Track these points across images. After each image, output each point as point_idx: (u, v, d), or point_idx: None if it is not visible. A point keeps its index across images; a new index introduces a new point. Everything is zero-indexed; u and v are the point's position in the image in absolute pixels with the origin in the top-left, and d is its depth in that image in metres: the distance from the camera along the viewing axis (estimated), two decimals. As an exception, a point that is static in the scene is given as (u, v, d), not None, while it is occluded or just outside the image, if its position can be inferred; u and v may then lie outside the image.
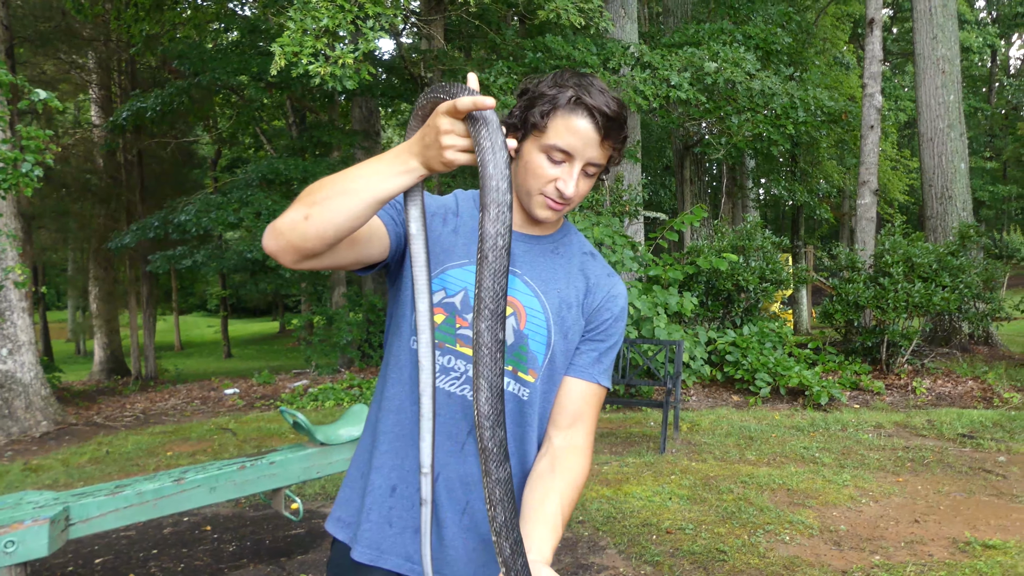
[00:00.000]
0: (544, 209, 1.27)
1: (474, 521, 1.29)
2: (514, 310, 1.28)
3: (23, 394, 8.06)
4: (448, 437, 1.27)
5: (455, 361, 1.27)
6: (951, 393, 8.00)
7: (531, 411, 1.31)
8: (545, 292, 1.31)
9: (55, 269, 24.43)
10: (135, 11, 11.50)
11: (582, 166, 1.24)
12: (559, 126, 1.22)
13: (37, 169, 5.91)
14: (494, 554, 1.25)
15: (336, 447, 3.57)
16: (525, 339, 1.28)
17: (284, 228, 1.09)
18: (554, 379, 1.33)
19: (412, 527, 1.28)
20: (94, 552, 4.01)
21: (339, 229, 1.08)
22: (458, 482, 1.28)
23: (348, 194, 1.07)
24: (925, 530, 3.95)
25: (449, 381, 1.28)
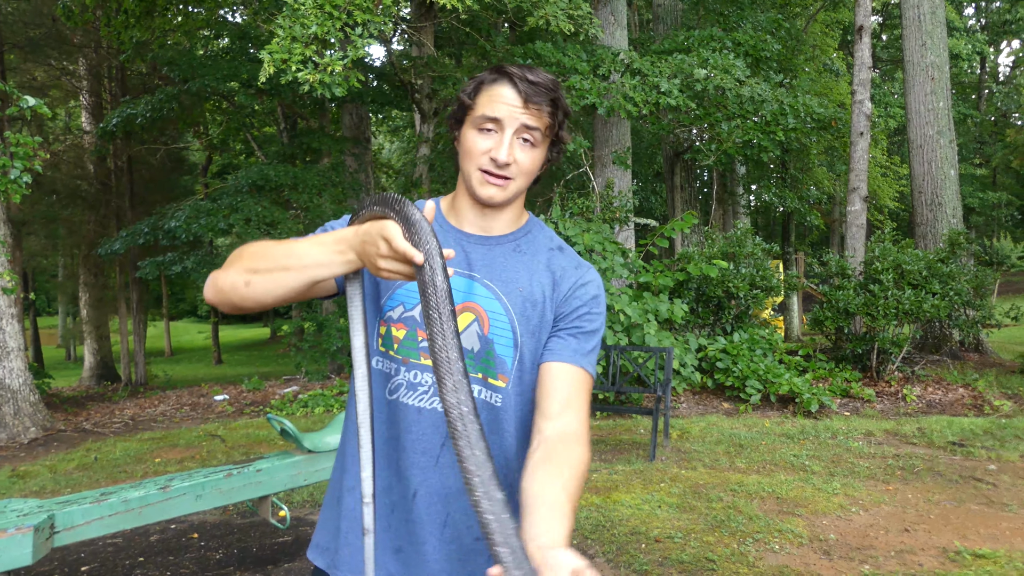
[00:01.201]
0: (484, 185, 1.26)
1: (456, 532, 1.26)
2: (476, 315, 1.27)
3: (11, 400, 8.00)
4: (423, 453, 1.26)
5: (421, 375, 1.26)
6: (941, 401, 8.03)
7: (506, 417, 1.29)
8: (507, 293, 1.29)
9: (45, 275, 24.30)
10: (125, 18, 11.47)
11: (514, 132, 1.24)
12: (483, 99, 1.25)
13: (26, 176, 5.89)
14: (478, 564, 1.25)
15: (323, 455, 3.55)
16: (491, 344, 1.27)
17: (225, 287, 1.16)
18: (528, 380, 1.30)
19: (391, 547, 1.27)
20: (80, 560, 3.97)
21: (276, 299, 1.16)
22: (436, 496, 1.26)
23: (288, 271, 1.13)
24: (915, 539, 3.95)
25: (417, 397, 1.26)
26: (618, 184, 10.36)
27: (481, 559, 1.27)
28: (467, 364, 1.14)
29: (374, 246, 1.06)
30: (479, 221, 1.33)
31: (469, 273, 1.29)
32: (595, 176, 10.40)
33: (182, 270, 11.88)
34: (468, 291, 1.27)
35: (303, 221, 11.41)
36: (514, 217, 1.36)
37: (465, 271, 1.29)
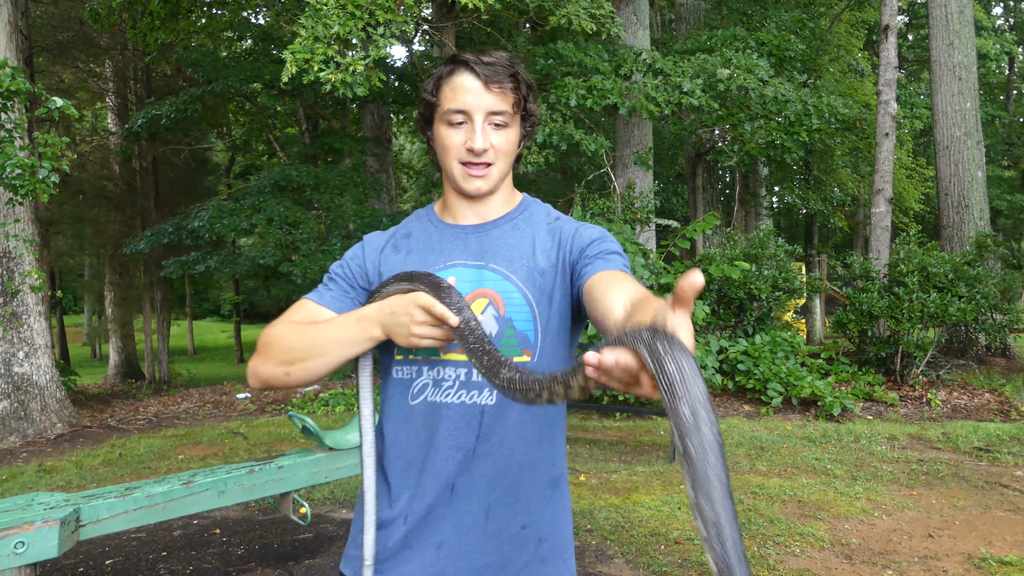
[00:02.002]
0: (467, 179, 1.29)
1: (499, 522, 1.25)
2: (490, 299, 1.27)
3: (39, 396, 8.13)
4: (457, 448, 1.25)
5: (444, 371, 1.26)
6: (967, 405, 7.92)
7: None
8: (514, 271, 1.28)
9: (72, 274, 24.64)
10: (151, 20, 11.61)
11: (484, 118, 1.26)
12: (446, 92, 1.27)
13: (53, 175, 5.97)
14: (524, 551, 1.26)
15: (344, 452, 3.57)
16: (509, 323, 1.26)
17: (268, 379, 1.25)
18: (556, 348, 1.29)
19: (433, 543, 1.25)
20: (104, 553, 4.02)
21: (317, 379, 1.26)
22: (476, 487, 1.25)
23: (320, 357, 1.22)
24: (939, 545, 3.90)
25: (443, 393, 1.26)
26: (639, 185, 10.32)
27: (528, 547, 1.27)
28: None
29: (407, 315, 1.12)
30: (473, 211, 1.35)
31: (476, 262, 1.29)
32: (616, 177, 10.37)
33: (205, 269, 11.99)
34: (478, 279, 1.28)
35: (324, 222, 11.48)
36: (505, 199, 1.37)
37: (472, 261, 1.30)
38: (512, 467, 1.25)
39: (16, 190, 5.93)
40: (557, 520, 1.31)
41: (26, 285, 8.02)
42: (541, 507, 1.28)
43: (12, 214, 7.81)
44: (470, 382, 1.24)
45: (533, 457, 1.27)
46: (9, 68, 5.84)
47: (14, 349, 8.04)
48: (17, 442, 7.70)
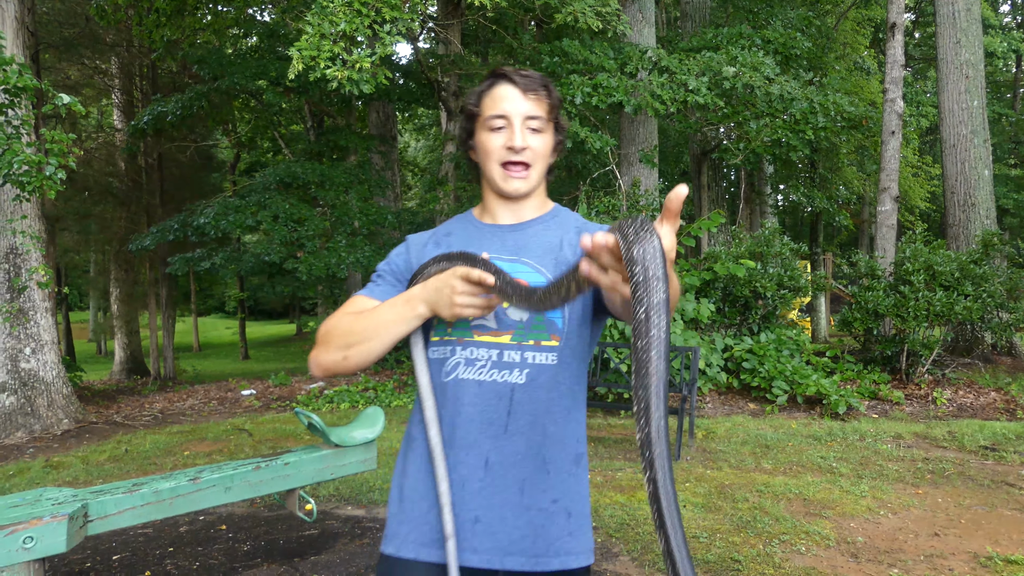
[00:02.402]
0: (507, 180, 1.42)
1: (533, 496, 1.33)
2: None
3: (45, 392, 8.16)
4: (489, 423, 1.33)
5: (477, 351, 1.36)
6: (973, 404, 7.90)
7: (562, 372, 1.37)
8: (544, 264, 1.40)
9: (77, 270, 24.72)
10: (156, 17, 11.64)
11: (522, 121, 1.40)
12: (487, 102, 1.42)
13: (60, 172, 5.99)
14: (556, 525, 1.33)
15: (350, 449, 3.58)
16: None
17: (329, 366, 1.35)
18: (580, 333, 1.39)
19: (469, 519, 1.33)
20: (111, 549, 4.04)
21: (372, 360, 1.35)
22: (509, 462, 1.32)
23: (374, 339, 1.32)
24: (945, 544, 3.89)
25: (476, 371, 1.35)
26: (645, 182, 10.31)
27: (558, 520, 1.34)
28: (519, 334, 1.35)
29: (448, 288, 1.23)
30: (509, 212, 1.48)
31: (511, 256, 1.41)
32: (621, 174, 10.37)
33: (211, 266, 12.02)
34: (512, 272, 1.36)
35: (329, 219, 11.49)
36: (539, 204, 1.50)
37: (507, 255, 1.42)
38: (543, 443, 1.33)
39: (23, 187, 5.95)
40: (581, 495, 1.38)
41: (33, 281, 8.05)
42: (568, 482, 1.36)
43: (19, 210, 7.83)
44: (501, 362, 1.34)
45: (560, 434, 1.35)
46: (16, 65, 5.85)
47: (21, 345, 8.07)
48: (24, 438, 7.73)
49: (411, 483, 1.41)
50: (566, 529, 1.34)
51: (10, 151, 5.82)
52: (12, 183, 5.97)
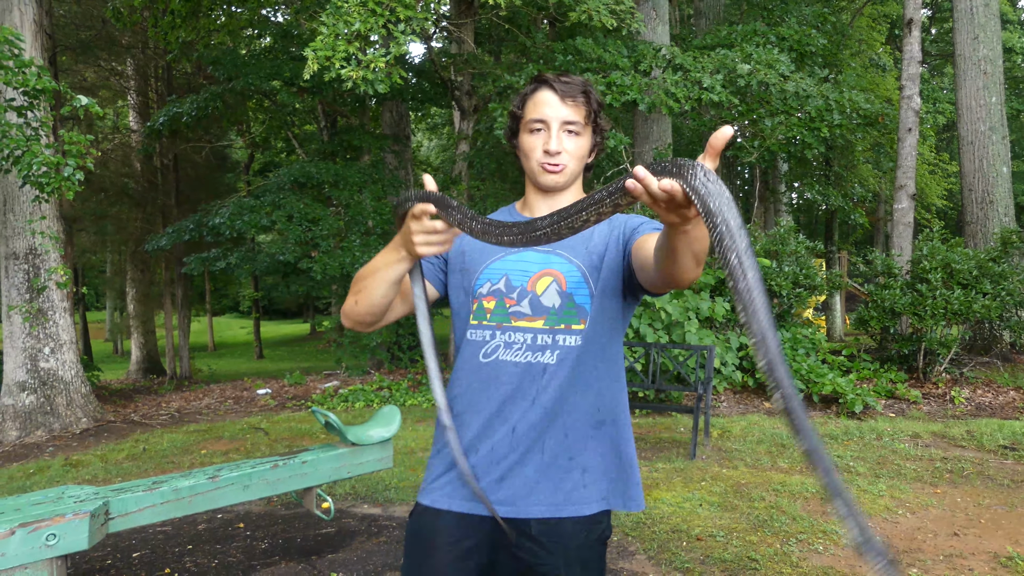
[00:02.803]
0: (544, 174, 1.55)
1: (552, 455, 1.50)
2: (554, 277, 1.52)
3: (64, 391, 8.24)
4: (522, 397, 1.49)
5: (514, 335, 1.51)
6: (991, 403, 7.83)
7: (588, 352, 1.51)
8: (576, 254, 1.54)
9: (94, 271, 24.93)
10: (172, 19, 11.71)
11: (559, 126, 1.52)
12: (529, 107, 1.54)
13: (78, 173, 6.05)
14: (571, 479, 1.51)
15: (367, 447, 3.60)
16: (571, 296, 1.51)
17: (347, 311, 1.54)
18: (608, 318, 1.54)
19: (496, 478, 1.50)
20: (131, 546, 4.08)
21: (378, 304, 1.49)
22: (534, 428, 1.49)
23: (374, 281, 1.46)
24: (965, 544, 3.86)
25: (513, 353, 1.51)
26: (658, 181, 10.27)
27: (574, 475, 1.51)
28: (551, 319, 1.50)
29: (408, 232, 1.34)
30: (547, 206, 1.59)
31: (545, 248, 1.53)
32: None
33: (226, 266, 12.08)
34: (545, 261, 1.53)
35: (343, 218, 11.53)
36: (575, 198, 1.59)
37: (546, 247, 1.54)
38: (564, 411, 1.49)
39: (42, 188, 6.01)
40: (597, 454, 1.52)
41: (52, 282, 8.13)
42: (585, 443, 1.51)
43: (38, 211, 7.91)
44: (535, 345, 1.50)
45: (580, 404, 1.50)
46: (35, 67, 5.91)
47: (40, 345, 8.15)
48: (43, 436, 7.81)
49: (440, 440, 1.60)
50: (581, 483, 1.50)
51: (29, 153, 5.88)
52: (32, 184, 6.03)
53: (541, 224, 1.15)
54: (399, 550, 3.92)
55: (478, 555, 1.51)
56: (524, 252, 1.54)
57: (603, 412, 1.54)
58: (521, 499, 1.48)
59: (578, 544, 1.50)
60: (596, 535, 1.53)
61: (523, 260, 1.54)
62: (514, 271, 1.54)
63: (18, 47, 5.89)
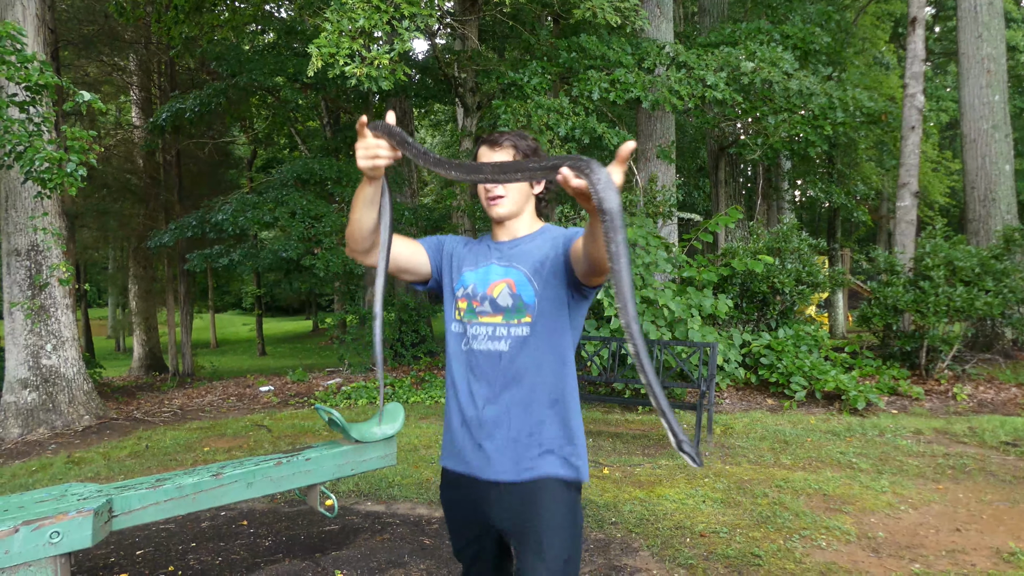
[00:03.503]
0: (489, 208, 1.93)
1: (515, 432, 1.81)
2: (507, 284, 1.86)
3: (66, 389, 8.25)
4: (490, 380, 1.84)
5: (479, 328, 1.87)
6: (993, 400, 7.82)
7: (536, 340, 1.82)
8: (525, 265, 1.87)
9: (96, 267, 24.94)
10: (175, 14, 11.70)
11: None
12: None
13: (81, 169, 6.05)
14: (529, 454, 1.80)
15: (371, 445, 3.59)
16: (519, 297, 1.84)
17: (347, 239, 1.82)
18: (551, 311, 1.83)
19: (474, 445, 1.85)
20: (135, 544, 4.08)
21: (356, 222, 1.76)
22: (500, 408, 1.82)
23: (353, 203, 1.76)
24: (967, 539, 3.86)
25: (480, 343, 1.86)
26: (662, 178, 10.27)
27: (532, 451, 1.81)
28: (507, 315, 1.83)
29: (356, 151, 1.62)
30: (505, 232, 1.98)
31: (505, 264, 1.90)
32: (638, 170, 10.33)
33: (229, 262, 12.08)
34: (505, 273, 1.88)
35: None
36: (529, 223, 1.98)
37: (503, 263, 1.91)
38: (523, 391, 1.80)
39: (45, 183, 6.01)
40: (554, 429, 1.82)
41: (54, 278, 8.14)
42: (543, 420, 1.81)
43: (40, 207, 7.92)
44: (494, 336, 1.84)
45: (536, 383, 1.81)
46: (38, 62, 5.91)
47: (42, 342, 8.17)
48: (46, 433, 7.82)
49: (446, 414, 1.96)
50: (537, 452, 1.80)
51: (32, 148, 5.88)
52: (34, 180, 6.03)
53: (484, 169, 1.49)
54: (403, 547, 3.93)
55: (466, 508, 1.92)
56: (491, 265, 1.90)
57: (555, 392, 1.83)
58: (493, 467, 1.81)
59: (538, 506, 1.78)
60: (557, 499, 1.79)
61: (488, 271, 1.89)
62: (480, 281, 1.89)
63: (20, 42, 5.89)
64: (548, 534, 1.77)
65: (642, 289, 8.09)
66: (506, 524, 1.83)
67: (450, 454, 1.94)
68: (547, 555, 1.76)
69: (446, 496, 1.98)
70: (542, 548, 1.77)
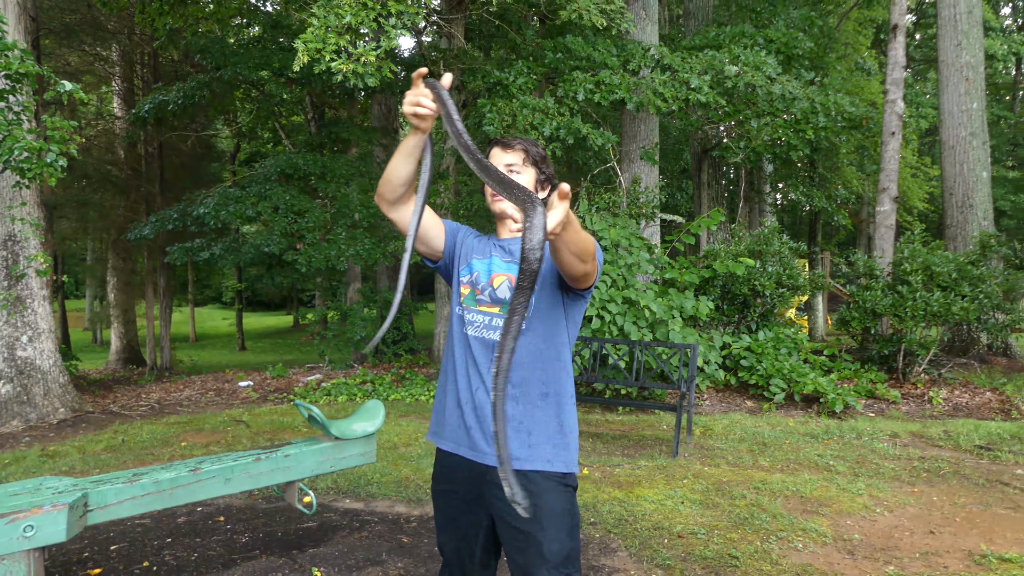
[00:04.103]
0: (492, 204, 2.03)
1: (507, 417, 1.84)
2: (507, 278, 1.95)
3: (42, 381, 8.15)
4: (482, 366, 1.91)
5: (477, 316, 1.96)
6: (968, 404, 7.93)
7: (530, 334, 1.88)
8: None
9: (74, 258, 24.64)
10: (159, 5, 11.58)
11: (504, 168, 2.00)
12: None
13: (61, 159, 5.98)
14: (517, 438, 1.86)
15: (350, 442, 3.59)
16: None
17: (379, 190, 1.87)
18: (547, 308, 1.91)
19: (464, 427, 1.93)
20: (109, 539, 4.04)
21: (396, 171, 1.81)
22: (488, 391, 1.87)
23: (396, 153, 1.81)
24: (940, 542, 3.91)
25: (476, 329, 1.95)
26: (645, 180, 10.32)
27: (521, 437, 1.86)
28: (504, 307, 1.91)
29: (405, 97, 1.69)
30: (509, 230, 2.07)
31: (508, 259, 1.98)
32: (622, 171, 10.37)
33: (210, 256, 11.98)
34: (509, 268, 1.96)
35: (330, 211, 11.48)
36: None
37: (506, 258, 1.99)
38: (514, 381, 1.86)
39: (23, 173, 5.94)
40: (543, 421, 1.88)
41: (32, 269, 8.04)
42: (532, 411, 1.87)
43: (19, 197, 7.82)
44: (490, 325, 1.93)
45: (528, 376, 1.87)
46: (18, 51, 5.83)
47: (18, 333, 8.06)
48: (20, 426, 7.72)
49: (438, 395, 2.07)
50: (526, 443, 1.85)
51: (11, 137, 5.81)
52: (12, 170, 5.95)
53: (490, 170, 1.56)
54: (381, 545, 3.92)
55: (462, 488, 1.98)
56: (494, 259, 1.99)
57: (547, 386, 1.89)
58: (482, 448, 1.88)
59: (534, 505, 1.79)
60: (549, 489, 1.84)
61: (492, 263, 1.98)
62: (484, 270, 1.98)
63: (1, 30, 5.81)
64: (546, 533, 1.80)
65: (624, 290, 8.12)
66: (501, 512, 1.85)
67: (440, 433, 2.01)
68: (547, 554, 1.79)
69: (440, 484, 2.02)
70: (542, 549, 1.79)
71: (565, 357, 1.94)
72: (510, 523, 1.83)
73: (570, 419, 1.92)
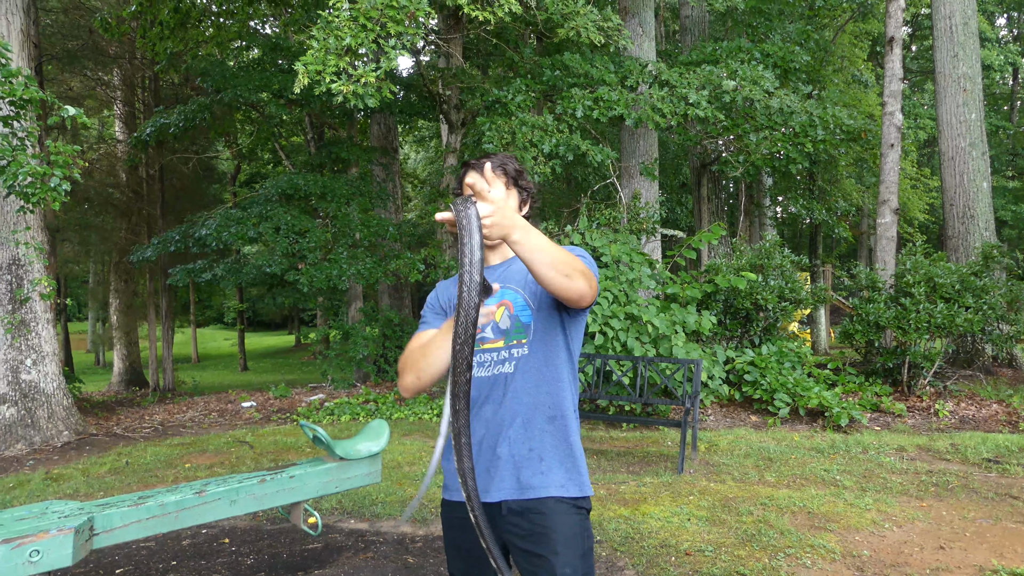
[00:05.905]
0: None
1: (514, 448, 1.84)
2: (505, 306, 1.91)
3: (46, 404, 8.14)
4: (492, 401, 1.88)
5: (484, 356, 1.92)
6: (975, 416, 7.90)
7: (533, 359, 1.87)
8: (521, 286, 1.93)
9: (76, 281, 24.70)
10: (160, 29, 11.68)
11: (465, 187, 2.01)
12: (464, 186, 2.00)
13: (65, 184, 6.01)
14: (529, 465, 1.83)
15: (355, 462, 3.57)
16: (517, 318, 1.90)
17: (409, 385, 1.87)
18: (546, 329, 1.89)
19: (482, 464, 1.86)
20: (114, 563, 4.02)
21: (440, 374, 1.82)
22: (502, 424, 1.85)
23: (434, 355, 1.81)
24: (950, 557, 3.89)
25: (484, 369, 1.90)
26: (645, 195, 10.34)
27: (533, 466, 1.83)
28: (507, 338, 1.89)
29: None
30: (497, 255, 2.03)
31: (500, 284, 1.95)
32: (622, 187, 10.40)
33: (212, 277, 12.01)
34: (501, 295, 1.93)
35: (331, 230, 11.51)
36: None
37: (500, 283, 1.96)
38: (523, 409, 1.84)
39: (28, 198, 5.96)
40: (553, 445, 1.85)
41: (36, 293, 8.05)
42: (543, 436, 1.85)
43: (23, 222, 7.84)
44: (498, 359, 1.90)
45: (535, 402, 1.86)
46: (22, 77, 5.88)
47: (22, 356, 8.06)
48: (24, 450, 7.70)
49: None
50: (539, 470, 1.82)
51: (15, 163, 5.84)
52: (17, 195, 5.98)
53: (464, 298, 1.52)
54: (386, 566, 3.90)
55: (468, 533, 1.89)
56: None
57: (553, 408, 1.87)
58: (496, 488, 1.82)
59: (547, 530, 1.79)
60: (561, 512, 1.82)
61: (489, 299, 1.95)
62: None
63: (5, 57, 5.86)
64: (559, 557, 1.78)
65: (626, 306, 8.12)
66: (515, 540, 1.82)
67: (451, 486, 1.94)
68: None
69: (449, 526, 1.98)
70: (555, 573, 1.78)
71: (567, 377, 1.93)
72: (522, 548, 1.81)
73: (577, 441, 1.92)
